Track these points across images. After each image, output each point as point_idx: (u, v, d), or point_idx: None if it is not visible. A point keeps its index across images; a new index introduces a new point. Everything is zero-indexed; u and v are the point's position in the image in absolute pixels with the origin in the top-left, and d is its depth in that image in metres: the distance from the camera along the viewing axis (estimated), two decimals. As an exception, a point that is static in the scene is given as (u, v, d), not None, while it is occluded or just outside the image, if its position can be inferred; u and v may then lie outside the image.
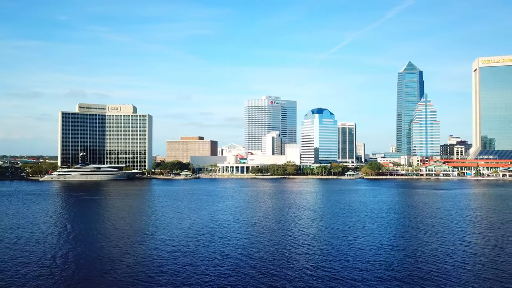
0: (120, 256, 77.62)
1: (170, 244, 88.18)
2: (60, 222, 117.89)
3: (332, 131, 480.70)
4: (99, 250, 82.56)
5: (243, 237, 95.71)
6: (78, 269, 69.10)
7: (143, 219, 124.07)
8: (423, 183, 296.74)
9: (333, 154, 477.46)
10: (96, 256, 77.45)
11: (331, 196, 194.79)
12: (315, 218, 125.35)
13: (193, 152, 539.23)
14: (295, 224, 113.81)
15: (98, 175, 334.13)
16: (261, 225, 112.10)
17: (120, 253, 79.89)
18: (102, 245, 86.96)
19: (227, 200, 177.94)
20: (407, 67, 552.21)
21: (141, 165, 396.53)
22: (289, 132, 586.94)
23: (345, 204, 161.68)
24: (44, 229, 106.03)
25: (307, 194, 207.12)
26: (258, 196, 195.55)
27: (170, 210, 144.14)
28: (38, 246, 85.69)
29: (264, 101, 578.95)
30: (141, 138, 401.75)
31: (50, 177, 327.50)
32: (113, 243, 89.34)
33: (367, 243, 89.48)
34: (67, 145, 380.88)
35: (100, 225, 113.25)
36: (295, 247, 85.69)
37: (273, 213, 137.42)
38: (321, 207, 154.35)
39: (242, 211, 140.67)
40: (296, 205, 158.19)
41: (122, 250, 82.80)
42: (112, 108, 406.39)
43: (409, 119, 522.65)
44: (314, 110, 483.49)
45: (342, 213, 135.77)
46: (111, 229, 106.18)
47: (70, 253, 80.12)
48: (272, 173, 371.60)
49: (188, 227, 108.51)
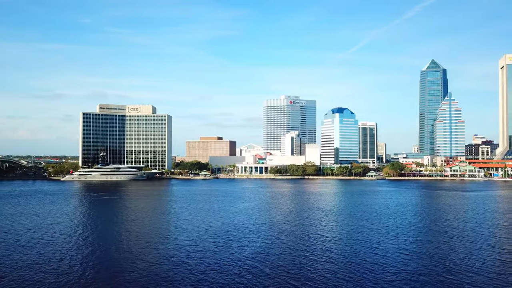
0: (132, 261, 75.08)
1: (185, 249, 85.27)
2: (75, 222, 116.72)
3: (353, 130, 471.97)
4: (111, 253, 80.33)
5: (260, 242, 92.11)
6: (88, 271, 66.88)
7: (159, 221, 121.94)
8: (448, 184, 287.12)
9: (353, 154, 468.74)
10: (106, 259, 75.19)
11: (352, 198, 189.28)
12: (336, 221, 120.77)
13: (212, 152, 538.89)
14: (315, 228, 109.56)
15: (118, 175, 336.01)
16: (280, 229, 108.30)
17: (132, 258, 77.38)
18: (115, 248, 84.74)
19: (245, 201, 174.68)
20: (430, 65, 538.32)
21: (160, 165, 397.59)
22: (309, 132, 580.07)
23: (367, 206, 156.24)
24: (58, 229, 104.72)
25: (327, 196, 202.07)
26: (277, 198, 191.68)
27: (187, 211, 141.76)
28: (50, 247, 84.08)
29: (283, 101, 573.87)
30: (161, 138, 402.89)
31: (71, 177, 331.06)
32: (127, 245, 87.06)
33: (392, 249, 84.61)
34: (88, 145, 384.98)
35: (116, 226, 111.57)
36: (315, 253, 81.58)
37: (292, 215, 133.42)
38: (342, 209, 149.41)
39: (260, 213, 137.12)
40: (316, 207, 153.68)
41: (135, 254, 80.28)
42: (132, 108, 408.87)
43: (432, 119, 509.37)
44: (335, 109, 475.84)
45: (364, 216, 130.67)
46: (125, 231, 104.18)
47: (81, 255, 78.11)
48: (291, 173, 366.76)
49: (205, 230, 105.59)
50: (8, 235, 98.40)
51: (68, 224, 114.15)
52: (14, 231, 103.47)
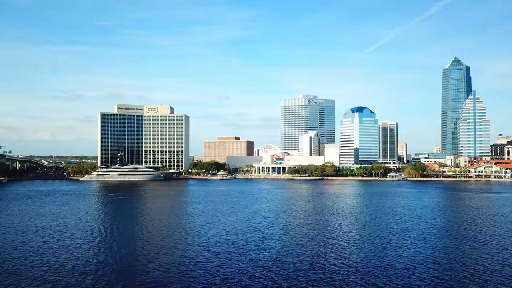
0: (142, 265, 71.62)
1: (199, 253, 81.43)
2: (89, 223, 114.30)
3: (373, 130, 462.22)
4: (121, 256, 77.08)
5: (277, 246, 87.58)
6: (98, 274, 63.63)
7: (173, 223, 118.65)
8: (473, 186, 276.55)
9: (373, 155, 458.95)
10: (116, 262, 71.95)
11: (373, 199, 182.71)
12: (357, 225, 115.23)
13: (229, 152, 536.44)
14: (335, 231, 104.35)
15: (136, 175, 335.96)
16: (297, 232, 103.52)
17: (143, 262, 73.94)
18: (126, 250, 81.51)
19: (262, 202, 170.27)
20: (453, 63, 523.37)
21: (178, 165, 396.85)
22: (327, 132, 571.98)
23: (389, 209, 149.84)
24: (70, 230, 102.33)
25: (347, 197, 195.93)
26: (295, 199, 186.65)
27: (203, 213, 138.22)
28: (60, 248, 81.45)
29: (301, 100, 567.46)
30: (178, 138, 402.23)
31: (90, 177, 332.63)
32: (138, 248, 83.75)
33: (419, 256, 78.92)
34: (106, 145, 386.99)
35: (129, 228, 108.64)
36: (335, 259, 76.62)
37: (310, 218, 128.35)
38: (363, 212, 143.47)
39: (277, 215, 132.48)
40: (336, 209, 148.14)
41: (146, 258, 76.80)
42: (150, 108, 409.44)
43: (455, 118, 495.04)
44: (354, 108, 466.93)
45: (387, 219, 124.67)
46: (139, 233, 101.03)
47: (91, 256, 75.04)
48: (310, 174, 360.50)
49: (220, 233, 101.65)
50: (20, 236, 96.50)
51: (80, 225, 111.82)
52: (27, 232, 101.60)
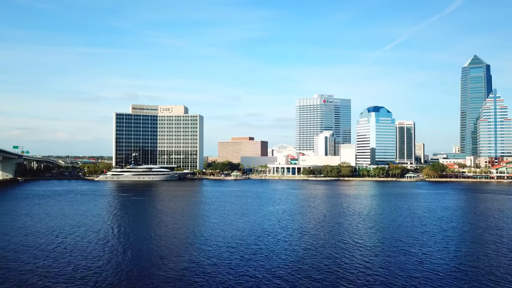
0: (150, 269, 68.55)
1: (210, 256, 78.09)
2: (99, 225, 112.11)
3: (390, 130, 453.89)
4: (129, 259, 74.21)
5: (291, 250, 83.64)
6: (105, 276, 60.80)
7: (185, 224, 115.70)
8: (495, 187, 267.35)
9: (390, 155, 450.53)
10: (124, 265, 69.07)
11: (391, 201, 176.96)
12: (375, 228, 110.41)
13: (244, 152, 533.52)
14: (352, 235, 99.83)
15: (150, 176, 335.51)
16: (313, 236, 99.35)
17: (151, 265, 70.90)
18: (134, 253, 78.66)
19: (276, 204, 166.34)
20: (472, 61, 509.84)
21: (192, 165, 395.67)
22: (343, 132, 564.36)
23: (408, 211, 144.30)
24: (80, 231, 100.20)
25: (364, 199, 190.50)
26: (310, 200, 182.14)
27: (215, 214, 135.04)
28: (69, 250, 79.10)
29: (316, 100, 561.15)
30: (192, 139, 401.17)
31: (105, 177, 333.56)
32: (147, 251, 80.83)
33: (442, 263, 74.05)
34: (121, 145, 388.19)
35: (140, 229, 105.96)
36: (353, 266, 72.32)
37: (326, 220, 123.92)
38: (381, 214, 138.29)
39: (291, 217, 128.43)
40: (352, 211, 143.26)
41: (154, 261, 73.80)
42: (164, 109, 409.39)
43: (474, 117, 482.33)
44: (370, 108, 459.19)
45: (406, 222, 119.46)
46: (148, 235, 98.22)
47: (99, 258, 72.43)
48: (325, 174, 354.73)
49: (232, 235, 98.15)
50: (28, 237, 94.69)
51: (89, 227, 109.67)
52: (35, 233, 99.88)
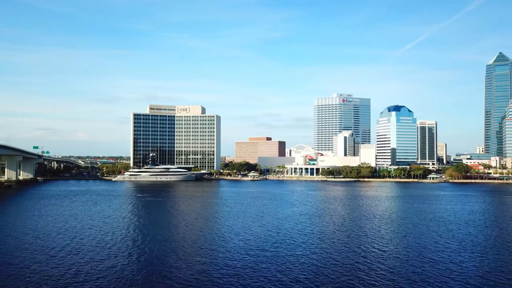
0: (160, 274, 64.83)
1: (224, 261, 74.05)
2: (112, 226, 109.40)
3: (411, 130, 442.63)
4: (138, 263, 70.74)
5: (310, 256, 78.84)
6: (115, 281, 57.55)
7: (200, 227, 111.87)
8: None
9: (411, 155, 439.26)
10: (135, 269, 65.58)
11: (414, 203, 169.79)
12: (397, 232, 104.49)
13: (261, 153, 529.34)
14: (373, 240, 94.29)
15: (167, 176, 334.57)
16: (332, 240, 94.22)
17: (161, 270, 67.18)
18: (144, 257, 75.17)
19: (294, 206, 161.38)
20: (497, 59, 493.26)
21: (209, 165, 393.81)
22: (362, 132, 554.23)
23: (432, 214, 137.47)
24: (93, 233, 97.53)
25: (385, 200, 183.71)
26: (329, 202, 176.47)
27: (230, 216, 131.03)
28: (79, 252, 76.25)
29: (335, 99, 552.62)
30: (210, 139, 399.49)
31: (122, 177, 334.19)
32: (158, 255, 77.26)
33: (472, 273, 68.06)
34: (139, 145, 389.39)
35: (152, 232, 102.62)
36: (376, 274, 67.06)
37: (346, 224, 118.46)
38: (404, 217, 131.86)
39: (310, 220, 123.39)
40: (373, 214, 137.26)
41: (166, 266, 70.08)
42: (181, 109, 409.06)
43: (499, 117, 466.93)
44: (391, 107, 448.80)
45: (431, 226, 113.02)
46: (161, 238, 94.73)
47: (104, 262, 69.21)
48: (345, 175, 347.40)
49: (247, 239, 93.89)
50: (40, 239, 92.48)
51: (102, 228, 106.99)
52: (47, 234, 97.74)
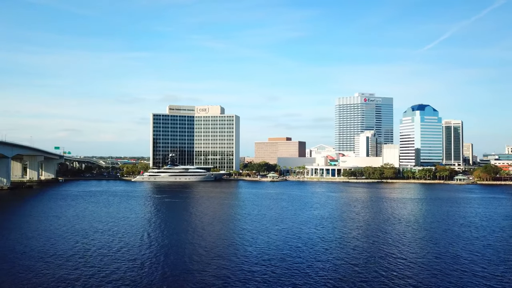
0: (171, 283, 60.10)
1: (237, 270, 68.66)
2: (125, 228, 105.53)
3: (436, 129, 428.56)
4: (149, 268, 66.10)
5: (330, 265, 72.70)
6: None
7: (215, 230, 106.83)
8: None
9: (436, 156, 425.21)
10: (141, 276, 60.93)
11: (442, 206, 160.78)
12: (426, 239, 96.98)
13: (281, 153, 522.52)
14: (400, 248, 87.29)
15: (186, 176, 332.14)
16: (355, 247, 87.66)
17: (172, 278, 62.29)
18: (155, 262, 70.54)
19: (314, 208, 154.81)
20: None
21: (228, 166, 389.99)
22: (385, 132, 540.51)
23: (462, 219, 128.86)
24: (104, 236, 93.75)
25: (410, 203, 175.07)
26: (351, 205, 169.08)
27: (248, 219, 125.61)
28: (84, 256, 72.28)
29: (356, 99, 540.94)
30: (229, 139, 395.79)
31: (141, 177, 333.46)
32: (169, 261, 72.51)
33: (517, 288, 60.71)
34: (158, 146, 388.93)
35: (166, 235, 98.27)
36: (403, 285, 60.51)
37: (370, 229, 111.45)
38: (432, 221, 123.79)
39: (331, 225, 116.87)
40: (399, 218, 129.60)
41: (176, 273, 65.14)
42: (201, 109, 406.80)
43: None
44: (415, 106, 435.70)
45: (462, 232, 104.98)
46: (174, 242, 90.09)
47: (121, 265, 64.84)
48: (367, 176, 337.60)
49: (264, 245, 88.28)
50: (51, 241, 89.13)
51: (115, 230, 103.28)
52: (60, 237, 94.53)
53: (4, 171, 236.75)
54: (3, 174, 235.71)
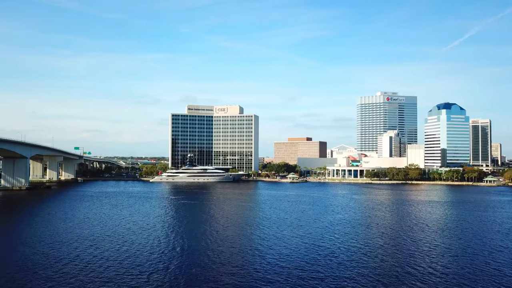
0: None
1: (249, 282, 61.45)
2: (135, 233, 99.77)
3: (463, 129, 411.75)
4: (153, 277, 59.81)
5: (354, 281, 64.70)
6: None
7: (229, 237, 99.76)
8: None
9: (463, 156, 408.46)
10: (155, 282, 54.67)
11: (475, 211, 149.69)
12: (460, 249, 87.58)
13: (301, 153, 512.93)
14: (431, 259, 78.44)
15: (205, 177, 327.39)
16: (381, 257, 79.29)
17: None
18: (162, 270, 64.10)
19: (336, 212, 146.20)
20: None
21: (247, 166, 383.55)
22: (408, 132, 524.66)
23: (498, 225, 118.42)
24: (109, 240, 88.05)
25: (439, 207, 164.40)
26: (375, 208, 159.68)
27: (264, 224, 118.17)
28: (89, 263, 66.54)
29: (379, 98, 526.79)
30: (248, 139, 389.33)
31: (160, 178, 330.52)
32: (176, 269, 65.93)
33: None
34: (177, 146, 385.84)
35: (176, 240, 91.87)
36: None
37: (397, 237, 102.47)
38: (464, 228, 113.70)
39: (354, 232, 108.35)
40: (428, 224, 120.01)
41: (182, 284, 58.64)
42: (219, 109, 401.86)
43: None
44: (441, 105, 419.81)
45: (501, 242, 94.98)
46: (185, 247, 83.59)
47: (121, 275, 58.82)
48: (391, 177, 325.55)
49: (281, 254, 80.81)
50: (53, 249, 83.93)
51: (125, 235, 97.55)
52: (65, 243, 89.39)
53: (23, 171, 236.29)
54: (21, 175, 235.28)
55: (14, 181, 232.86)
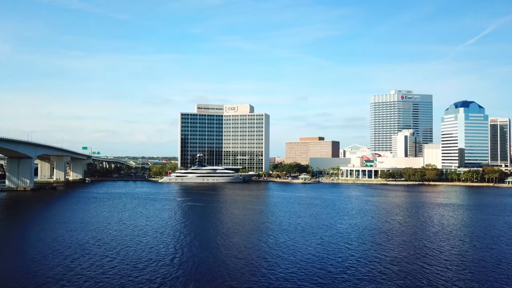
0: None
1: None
2: (135, 239, 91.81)
3: (482, 128, 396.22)
4: None
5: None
6: None
7: (235, 244, 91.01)
8: None
9: (482, 156, 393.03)
10: None
11: (501, 216, 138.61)
12: (494, 263, 77.59)
13: (313, 153, 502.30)
14: (459, 273, 68.74)
15: (214, 177, 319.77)
16: (403, 272, 69.81)
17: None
18: (162, 281, 55.97)
19: (350, 217, 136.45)
20: None
21: (257, 166, 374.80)
22: (423, 131, 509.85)
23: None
24: (101, 248, 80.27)
25: (461, 211, 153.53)
26: (392, 212, 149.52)
27: (274, 230, 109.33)
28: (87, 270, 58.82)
29: (393, 96, 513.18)
30: (258, 138, 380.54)
31: (168, 178, 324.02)
32: (175, 283, 57.75)
33: None
34: (186, 146, 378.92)
35: (178, 247, 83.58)
36: None
37: (418, 246, 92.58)
38: (494, 237, 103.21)
39: (371, 239, 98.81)
40: (450, 230, 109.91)
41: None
42: (229, 108, 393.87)
43: None
44: (458, 103, 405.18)
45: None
46: (188, 255, 75.25)
47: None
48: (407, 178, 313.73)
49: (290, 266, 72.00)
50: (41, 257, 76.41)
51: (120, 242, 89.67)
52: (56, 251, 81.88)
53: (28, 172, 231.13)
54: (26, 175, 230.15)
55: (18, 182, 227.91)
